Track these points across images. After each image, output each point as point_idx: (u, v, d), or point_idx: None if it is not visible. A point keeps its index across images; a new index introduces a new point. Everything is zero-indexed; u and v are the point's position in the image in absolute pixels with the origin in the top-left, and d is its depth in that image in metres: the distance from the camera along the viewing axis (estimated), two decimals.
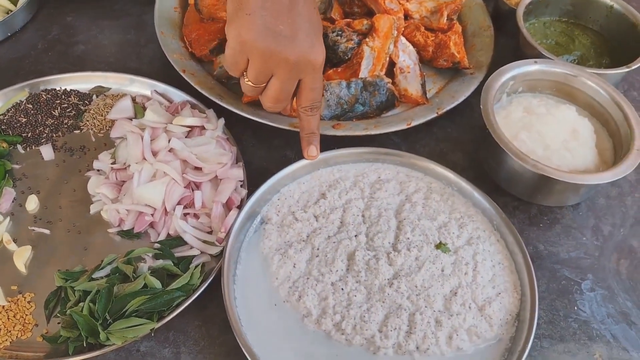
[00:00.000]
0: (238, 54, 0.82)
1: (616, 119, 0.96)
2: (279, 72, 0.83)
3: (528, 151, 0.93)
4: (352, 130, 1.00)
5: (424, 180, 0.96)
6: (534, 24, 1.18)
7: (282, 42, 0.80)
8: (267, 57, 0.81)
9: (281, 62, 0.82)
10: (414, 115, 1.04)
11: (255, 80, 0.84)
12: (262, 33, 0.80)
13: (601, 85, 0.98)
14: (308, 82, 0.86)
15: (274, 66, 0.82)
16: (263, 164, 1.00)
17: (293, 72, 0.83)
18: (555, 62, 1.01)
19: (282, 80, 0.84)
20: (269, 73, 0.83)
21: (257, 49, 0.80)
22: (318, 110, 0.90)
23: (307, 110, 0.89)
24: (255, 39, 0.80)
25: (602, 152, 0.96)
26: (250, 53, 0.81)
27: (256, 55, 0.81)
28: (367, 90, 1.04)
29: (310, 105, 0.89)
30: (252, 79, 0.84)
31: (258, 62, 0.82)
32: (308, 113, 0.89)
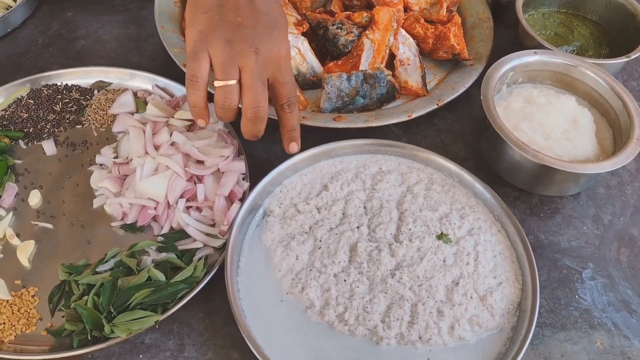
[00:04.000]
0: (198, 49, 0.80)
1: (616, 108, 0.97)
2: (247, 62, 0.80)
3: (529, 141, 0.93)
4: (353, 123, 1.00)
5: (425, 171, 0.96)
6: (533, 15, 1.18)
7: (243, 31, 0.80)
8: (229, 46, 0.79)
9: (246, 51, 0.80)
10: (414, 107, 1.04)
11: (221, 74, 0.80)
12: (221, 26, 0.80)
13: (600, 75, 0.99)
14: (277, 76, 0.85)
15: (239, 56, 0.80)
16: (264, 156, 1.00)
17: (260, 64, 0.81)
18: (554, 53, 1.01)
19: (251, 70, 0.80)
20: (235, 64, 0.80)
21: (217, 39, 0.79)
22: (295, 106, 0.88)
23: (285, 108, 0.88)
24: (214, 30, 0.80)
25: (602, 142, 0.97)
26: (210, 45, 0.79)
27: (217, 45, 0.79)
28: (368, 82, 1.04)
29: (286, 102, 0.87)
30: (219, 73, 0.80)
31: (220, 52, 0.79)
32: (286, 110, 0.88)
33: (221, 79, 0.80)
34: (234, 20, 0.80)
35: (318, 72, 1.07)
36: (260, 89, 0.82)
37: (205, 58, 0.80)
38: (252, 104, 0.82)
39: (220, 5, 0.80)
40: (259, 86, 0.82)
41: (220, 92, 0.81)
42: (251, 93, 0.81)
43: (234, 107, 0.82)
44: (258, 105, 0.82)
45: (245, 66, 0.80)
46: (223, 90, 0.81)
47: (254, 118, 0.83)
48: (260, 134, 0.87)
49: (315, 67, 1.06)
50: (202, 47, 0.80)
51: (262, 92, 0.82)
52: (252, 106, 0.82)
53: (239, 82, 0.81)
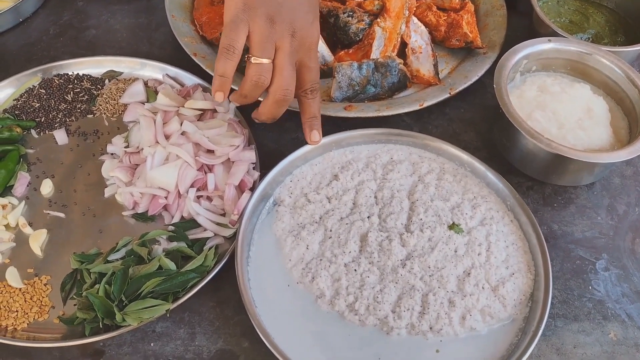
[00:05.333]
0: (239, 20, 0.80)
1: (631, 97, 0.95)
2: (284, 43, 0.82)
3: (542, 130, 0.92)
4: (363, 112, 0.99)
5: (436, 161, 0.95)
6: (547, 2, 1.17)
7: (284, 12, 0.81)
8: (270, 24, 0.80)
9: (285, 32, 0.81)
10: (426, 96, 1.03)
11: (260, 51, 0.81)
12: (265, 2, 0.80)
13: (616, 63, 0.97)
14: (306, 61, 0.86)
15: (278, 35, 0.81)
16: (275, 146, 1.00)
17: (294, 47, 0.83)
18: (569, 40, 1.00)
19: (287, 52, 0.82)
20: (273, 43, 0.81)
21: (260, 15, 0.80)
22: (317, 93, 0.89)
23: (308, 94, 0.88)
24: (259, 5, 0.80)
25: (617, 131, 0.95)
26: (252, 19, 0.80)
27: (260, 20, 0.80)
28: (379, 71, 1.03)
29: (310, 87, 0.88)
30: (258, 50, 0.81)
31: (261, 28, 0.80)
32: (308, 96, 0.89)
33: (258, 55, 0.81)
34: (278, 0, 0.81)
35: (329, 60, 1.06)
36: (291, 72, 0.84)
37: (245, 30, 0.81)
38: (282, 86, 0.83)
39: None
40: (290, 69, 0.83)
41: (254, 69, 0.82)
42: (283, 75, 0.83)
43: (264, 85, 0.83)
44: (287, 88, 0.84)
45: (281, 47, 0.82)
46: (258, 68, 0.82)
47: (281, 100, 0.85)
48: (278, 117, 0.89)
49: (326, 55, 1.06)
50: (244, 18, 0.80)
51: (292, 76, 0.84)
52: (282, 88, 0.83)
53: (272, 60, 0.82)
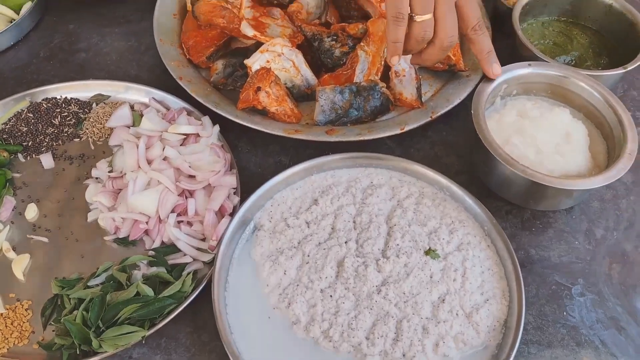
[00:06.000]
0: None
1: (610, 121, 0.96)
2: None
3: (520, 156, 0.93)
4: (345, 136, 1.01)
5: (416, 185, 0.96)
6: (532, 24, 1.18)
7: None
8: None
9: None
10: (408, 119, 1.04)
11: (422, 8, 0.87)
12: None
13: (595, 88, 0.98)
14: (464, 2, 0.91)
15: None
16: (258, 169, 1.02)
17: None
18: (549, 65, 1.01)
19: (446, 2, 0.88)
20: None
21: None
22: (484, 28, 0.94)
23: (477, 30, 0.94)
24: None
25: (596, 155, 0.96)
26: None
27: None
28: (361, 95, 1.04)
29: (477, 24, 0.93)
30: (419, 7, 0.87)
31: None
32: (478, 33, 0.94)
33: (421, 12, 0.87)
34: None
35: (313, 84, 1.08)
36: (453, 18, 0.90)
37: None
38: (448, 33, 0.90)
39: None
40: (452, 16, 0.90)
41: (419, 27, 0.89)
42: (447, 24, 0.89)
43: (429, 38, 0.91)
44: (452, 34, 0.90)
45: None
46: (422, 25, 0.89)
47: (447, 46, 0.91)
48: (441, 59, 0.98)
49: (309, 79, 1.07)
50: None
51: (454, 21, 0.90)
52: (449, 35, 0.90)
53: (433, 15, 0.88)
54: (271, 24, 1.10)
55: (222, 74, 1.08)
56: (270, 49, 1.04)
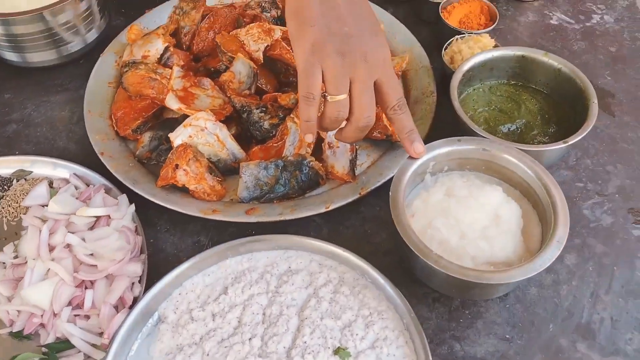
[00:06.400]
0: (310, 65, 0.82)
1: (543, 202, 0.89)
2: (358, 72, 0.83)
3: (441, 241, 0.86)
4: (265, 216, 0.95)
5: (337, 270, 0.90)
6: (479, 89, 1.11)
7: (352, 41, 0.83)
8: (341, 58, 0.82)
9: (357, 62, 0.83)
10: (335, 196, 0.99)
11: (335, 88, 0.83)
12: (331, 38, 0.82)
13: (528, 164, 0.91)
14: (385, 80, 0.86)
15: (351, 67, 0.83)
16: (174, 251, 0.97)
17: (369, 71, 0.84)
18: (480, 140, 0.94)
19: (362, 80, 0.84)
20: (347, 76, 0.83)
21: (330, 52, 0.82)
22: (406, 106, 0.89)
23: (396, 110, 0.88)
24: (325, 42, 0.82)
25: (530, 239, 0.89)
26: (323, 59, 0.82)
27: (330, 58, 0.82)
28: (288, 170, 0.99)
29: (397, 103, 0.88)
30: (332, 88, 0.83)
31: (333, 66, 0.82)
32: (398, 112, 0.89)
33: (334, 93, 0.84)
34: (342, 31, 0.83)
35: (240, 157, 1.03)
36: (370, 98, 0.86)
37: (319, 73, 0.83)
38: (363, 113, 0.85)
39: (324, 16, 0.83)
40: (369, 96, 0.85)
41: (332, 107, 0.85)
42: (363, 103, 0.85)
43: (343, 118, 0.87)
44: (369, 115, 0.86)
45: (356, 77, 0.83)
46: (336, 105, 0.85)
47: (364, 127, 0.87)
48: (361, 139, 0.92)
49: (236, 153, 1.03)
50: (315, 61, 0.82)
51: (372, 101, 0.86)
52: (364, 116, 0.86)
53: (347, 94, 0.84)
54: (201, 95, 1.06)
55: (147, 148, 1.04)
56: (193, 123, 1.00)
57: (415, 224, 0.90)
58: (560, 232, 0.83)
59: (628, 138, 1.11)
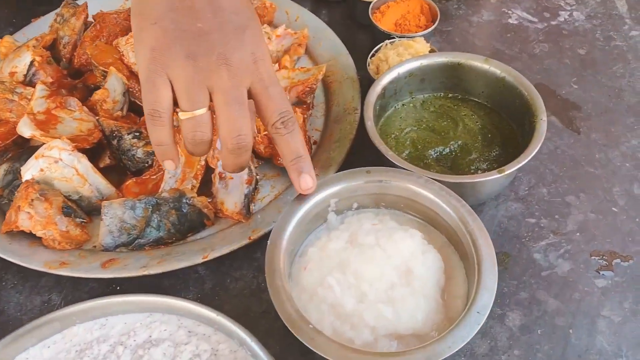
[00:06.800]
0: (154, 74, 0.64)
1: (469, 253, 0.68)
2: (217, 80, 0.64)
3: (334, 304, 0.66)
4: (125, 270, 0.76)
5: (210, 339, 0.71)
6: (409, 104, 0.91)
7: (206, 40, 0.64)
8: (192, 63, 0.63)
9: (215, 66, 0.64)
10: (218, 242, 0.80)
11: (187, 102, 0.64)
12: (178, 38, 0.64)
13: (452, 204, 0.71)
14: (260, 88, 0.67)
15: (207, 73, 0.64)
16: (17, 313, 0.78)
17: (235, 77, 0.64)
18: (394, 172, 0.74)
19: (225, 90, 0.64)
20: (203, 85, 0.64)
21: (175, 57, 0.63)
22: (293, 124, 0.69)
23: (279, 129, 0.68)
24: (170, 44, 0.64)
25: (452, 302, 0.68)
26: (167, 65, 0.64)
27: (177, 64, 0.64)
28: (161, 209, 0.80)
29: (279, 119, 0.67)
30: (184, 102, 0.65)
31: (182, 73, 0.64)
32: (281, 132, 0.68)
33: (187, 108, 0.65)
34: (193, 27, 0.64)
35: (108, 193, 0.84)
36: (239, 111, 0.65)
37: (165, 83, 0.65)
38: (231, 132, 0.66)
39: (172, 9, 0.64)
40: (237, 108, 0.65)
41: (188, 125, 0.66)
42: (228, 119, 0.65)
43: (207, 139, 0.67)
44: (239, 133, 0.66)
45: (215, 85, 0.65)
46: (191, 123, 0.66)
47: (235, 149, 0.67)
48: (246, 165, 0.71)
49: (102, 188, 0.84)
50: (158, 69, 0.64)
51: (241, 115, 0.66)
52: (232, 135, 0.66)
53: (210, 107, 0.66)
54: (66, 118, 0.87)
55: (0, 183, 0.86)
56: (45, 154, 0.81)
57: (307, 279, 0.70)
58: (484, 299, 0.63)
59: (595, 160, 0.91)
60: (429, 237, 0.73)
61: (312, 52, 1.04)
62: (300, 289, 0.70)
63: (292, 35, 1.04)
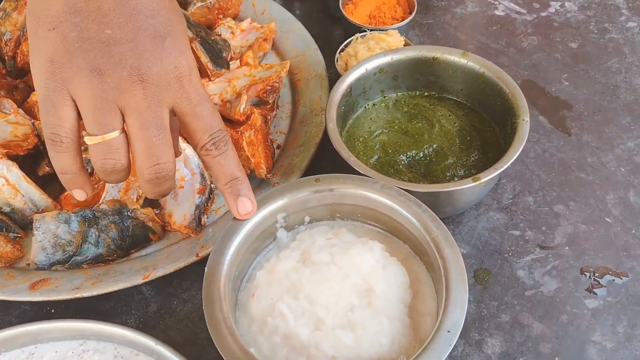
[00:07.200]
0: (52, 91, 0.54)
1: (435, 267, 0.60)
2: (130, 98, 0.54)
3: (287, 334, 0.58)
4: (55, 293, 0.68)
5: None
6: (380, 103, 0.83)
7: (116, 50, 0.54)
8: (98, 78, 0.53)
9: (124, 82, 0.54)
10: (164, 259, 0.71)
11: (94, 125, 0.54)
12: (80, 46, 0.53)
13: (414, 212, 0.62)
14: (185, 107, 0.57)
15: (118, 92, 0.54)
16: None
17: (151, 95, 0.54)
18: (345, 178, 0.65)
19: (139, 110, 0.55)
20: (113, 105, 0.54)
21: (77, 71, 0.53)
22: (226, 143, 0.60)
23: (210, 150, 0.59)
24: (71, 55, 0.53)
25: (420, 319, 0.60)
26: (70, 81, 0.53)
27: (80, 79, 0.53)
28: (99, 223, 0.72)
29: (210, 140, 0.58)
30: (90, 124, 0.55)
31: (87, 91, 0.53)
32: (213, 153, 0.59)
33: (95, 132, 0.55)
34: (101, 35, 0.54)
35: (43, 205, 0.76)
36: (157, 136, 0.56)
37: (66, 102, 0.55)
38: (147, 162, 0.56)
39: (74, 11, 0.53)
40: (154, 133, 0.55)
41: (96, 152, 0.56)
42: (144, 146, 0.55)
43: (120, 167, 0.57)
44: (157, 162, 0.56)
45: (128, 106, 0.55)
46: (101, 149, 0.56)
47: (153, 180, 0.57)
48: (169, 192, 0.61)
49: (36, 199, 0.75)
50: (58, 86, 0.54)
51: (160, 141, 0.56)
52: (149, 165, 0.56)
53: (122, 129, 0.56)
54: None
55: None
56: None
57: (256, 307, 0.62)
58: (454, 315, 0.55)
59: (587, 165, 0.82)
60: (391, 248, 0.65)
61: (279, 47, 0.96)
62: (249, 318, 0.62)
63: (258, 30, 0.96)
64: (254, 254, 0.66)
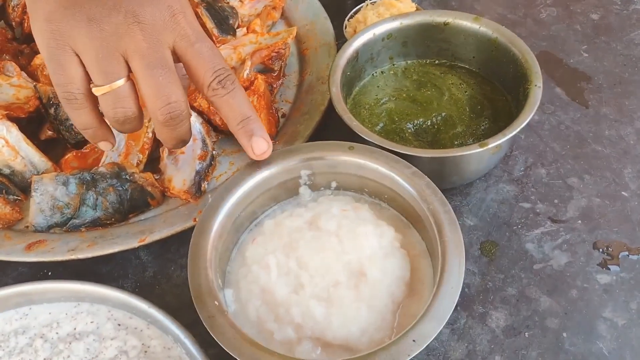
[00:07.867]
0: (56, 50, 0.55)
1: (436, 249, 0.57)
2: (130, 43, 0.55)
3: (265, 288, 0.57)
4: (50, 254, 0.67)
5: (142, 335, 0.62)
6: (389, 71, 0.80)
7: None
8: (97, 28, 0.54)
9: (122, 28, 0.55)
10: (161, 223, 0.70)
11: (99, 75, 0.55)
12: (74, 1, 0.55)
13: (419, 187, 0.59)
14: (185, 46, 0.57)
15: (117, 38, 0.55)
16: None
17: (151, 37, 0.55)
18: (379, 154, 0.62)
19: (141, 54, 0.55)
20: (115, 52, 0.55)
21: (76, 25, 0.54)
22: (232, 81, 0.60)
23: (216, 90, 0.59)
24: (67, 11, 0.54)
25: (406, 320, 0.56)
26: (71, 37, 0.54)
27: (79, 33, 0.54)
28: (97, 186, 0.71)
29: (214, 78, 0.58)
30: (95, 75, 0.56)
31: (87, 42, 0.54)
32: (219, 93, 0.59)
33: (102, 82, 0.56)
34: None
35: (43, 168, 0.75)
36: (164, 76, 0.56)
37: (71, 59, 0.56)
38: (159, 102, 0.56)
39: None
40: (160, 72, 0.56)
41: (106, 102, 0.57)
42: (152, 87, 0.56)
43: (132, 115, 0.59)
44: (168, 101, 0.56)
45: (130, 50, 0.56)
46: (110, 98, 0.57)
47: (168, 121, 0.58)
48: (187, 137, 0.61)
49: (36, 162, 0.75)
50: (59, 44, 0.55)
51: (168, 80, 0.56)
52: (161, 105, 0.56)
53: (128, 76, 0.57)
54: (2, 84, 0.79)
55: None
56: None
57: (252, 252, 0.62)
58: (427, 327, 0.51)
59: (604, 137, 0.78)
60: (407, 241, 0.62)
61: (288, 16, 0.94)
62: (241, 261, 0.63)
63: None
64: (274, 201, 0.65)
